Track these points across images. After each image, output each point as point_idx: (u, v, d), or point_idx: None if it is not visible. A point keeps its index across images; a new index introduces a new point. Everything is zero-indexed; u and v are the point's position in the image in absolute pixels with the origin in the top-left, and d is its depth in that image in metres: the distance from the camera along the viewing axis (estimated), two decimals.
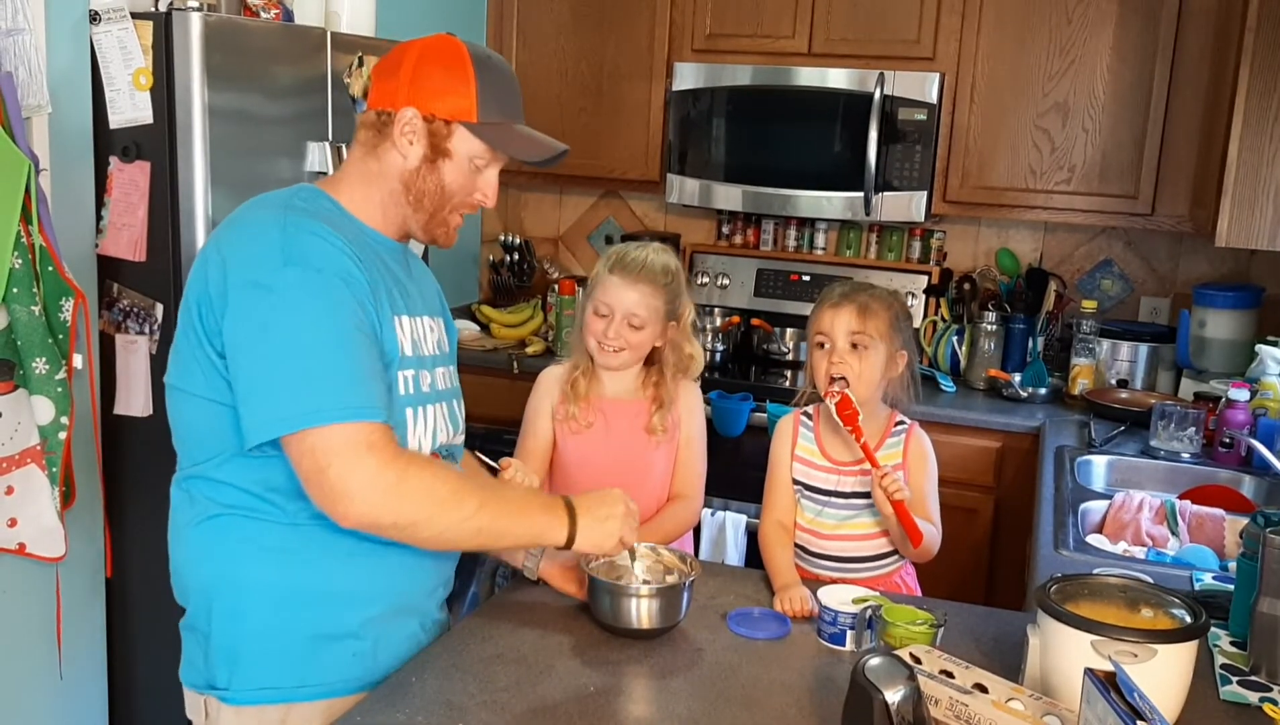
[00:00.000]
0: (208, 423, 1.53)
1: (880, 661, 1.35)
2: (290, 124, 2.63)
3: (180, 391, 1.57)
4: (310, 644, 1.57)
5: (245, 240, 1.51)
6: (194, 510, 1.58)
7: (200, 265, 1.54)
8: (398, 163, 1.59)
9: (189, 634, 1.63)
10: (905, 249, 3.77)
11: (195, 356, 1.52)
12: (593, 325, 2.14)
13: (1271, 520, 1.68)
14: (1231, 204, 2.72)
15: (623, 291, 2.11)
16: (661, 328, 2.16)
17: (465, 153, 1.60)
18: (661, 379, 2.19)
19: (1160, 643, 1.37)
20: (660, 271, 2.14)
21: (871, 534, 2.11)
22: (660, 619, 1.71)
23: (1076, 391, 3.33)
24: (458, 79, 1.57)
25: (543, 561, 1.82)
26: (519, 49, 3.84)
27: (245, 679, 1.57)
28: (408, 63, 1.59)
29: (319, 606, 1.56)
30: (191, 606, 1.62)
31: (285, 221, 1.51)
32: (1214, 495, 2.48)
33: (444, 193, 1.61)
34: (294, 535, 1.54)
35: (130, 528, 2.57)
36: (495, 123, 1.60)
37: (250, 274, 1.46)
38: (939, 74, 3.36)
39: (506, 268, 4.02)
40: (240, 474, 1.53)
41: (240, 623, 1.56)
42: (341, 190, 1.62)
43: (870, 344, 2.06)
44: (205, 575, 1.58)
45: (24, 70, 2.22)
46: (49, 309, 2.24)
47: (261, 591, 1.55)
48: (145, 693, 2.65)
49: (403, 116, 1.57)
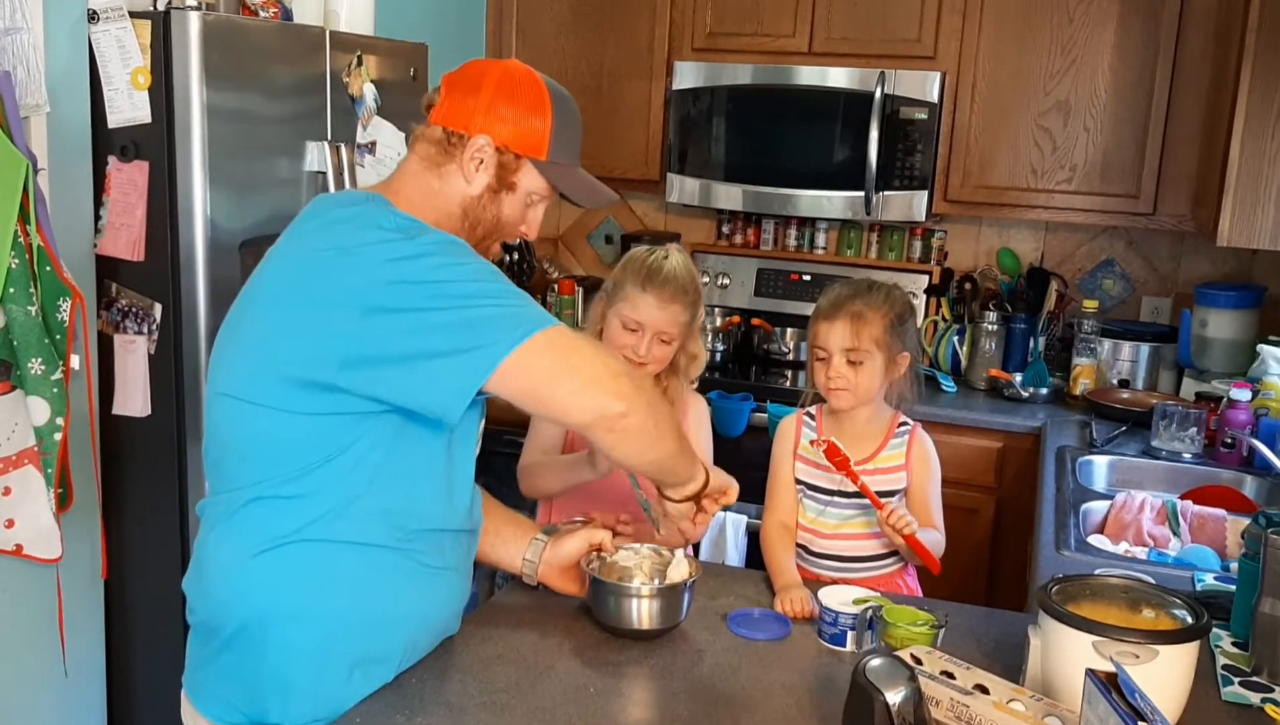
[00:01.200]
0: (290, 436, 1.47)
1: (881, 662, 1.35)
2: (289, 123, 2.63)
3: (248, 404, 1.48)
4: (361, 670, 1.52)
5: (355, 234, 1.46)
6: (254, 538, 1.49)
7: (285, 278, 1.49)
8: (460, 186, 1.57)
9: (220, 666, 1.55)
10: (906, 249, 3.76)
11: (277, 369, 1.46)
12: (621, 339, 2.09)
13: (1273, 521, 1.68)
14: (1233, 203, 2.72)
15: (656, 312, 2.07)
16: (684, 337, 2.15)
17: (527, 188, 1.60)
18: (673, 382, 2.18)
19: (1162, 643, 1.37)
20: (690, 287, 2.11)
21: (873, 533, 2.11)
22: (662, 619, 1.70)
23: (1078, 391, 3.32)
24: (536, 115, 1.57)
25: (541, 565, 1.81)
26: (519, 48, 3.83)
27: (301, 710, 1.51)
28: (488, 87, 1.56)
29: (373, 633, 1.52)
30: (237, 638, 1.52)
31: (391, 211, 1.50)
32: (1215, 495, 2.48)
33: (499, 223, 1.60)
34: (362, 560, 1.50)
35: (129, 528, 2.56)
36: (562, 164, 1.61)
37: (383, 255, 1.42)
38: (940, 73, 3.36)
39: (507, 267, 4.02)
40: (319, 487, 1.47)
41: (296, 654, 1.50)
42: (400, 200, 1.56)
43: (866, 358, 2.06)
44: (265, 607, 1.50)
45: (22, 69, 2.21)
46: (46, 309, 2.23)
47: (322, 621, 1.50)
48: (144, 693, 2.64)
49: (475, 142, 1.55)
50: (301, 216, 1.56)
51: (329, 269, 1.44)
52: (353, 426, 1.46)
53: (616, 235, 4.10)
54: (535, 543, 1.81)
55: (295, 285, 1.47)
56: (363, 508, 1.49)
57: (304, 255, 1.49)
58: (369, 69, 2.80)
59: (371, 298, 1.41)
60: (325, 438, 1.46)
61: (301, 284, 1.46)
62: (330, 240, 1.47)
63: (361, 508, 1.49)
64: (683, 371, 2.20)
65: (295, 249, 1.52)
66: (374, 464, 1.48)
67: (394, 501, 1.51)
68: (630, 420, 1.46)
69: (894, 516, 1.96)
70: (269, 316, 1.48)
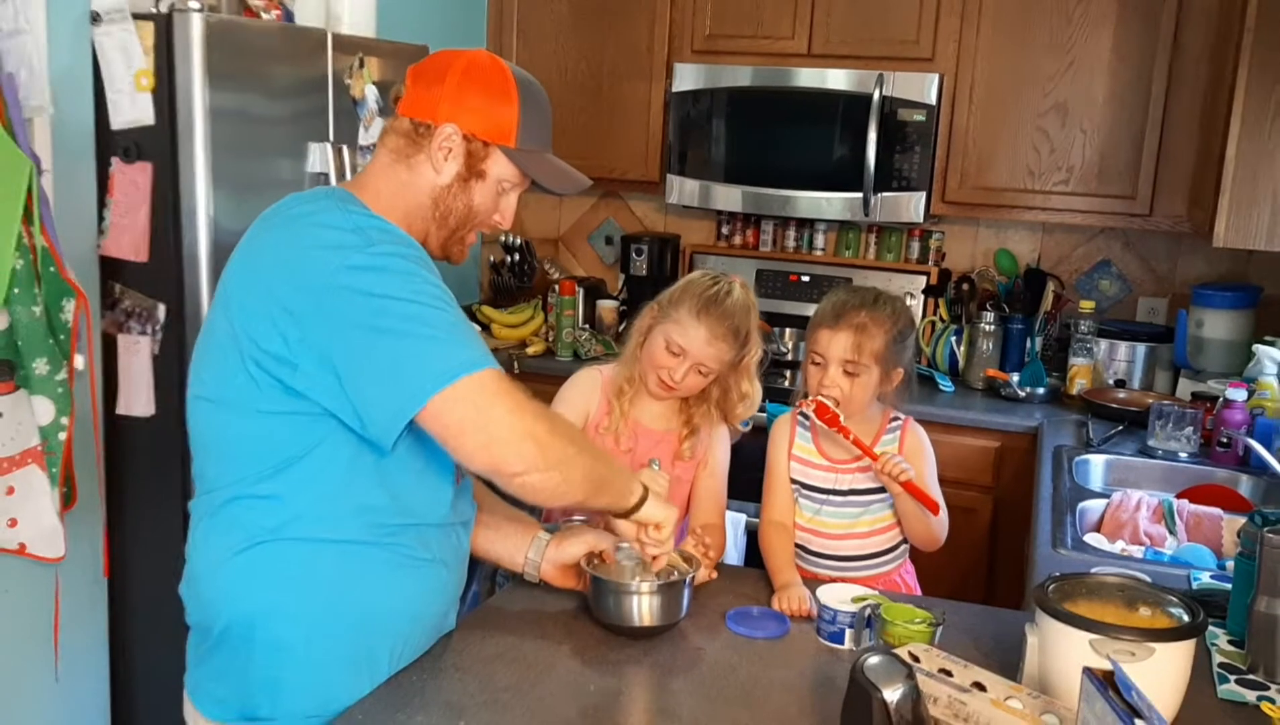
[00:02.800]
0: (259, 436, 1.48)
1: (879, 660, 1.35)
2: (291, 124, 2.63)
3: (218, 404, 1.50)
4: (351, 667, 1.54)
5: (309, 232, 1.47)
6: (234, 537, 1.51)
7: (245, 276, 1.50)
8: (429, 177, 1.57)
9: (214, 664, 1.56)
10: (904, 249, 3.77)
11: (244, 368, 1.46)
12: (660, 359, 2.06)
13: (1269, 519, 1.69)
14: (1229, 204, 2.72)
15: (703, 345, 2.03)
16: (722, 374, 2.11)
17: (497, 176, 1.59)
18: (704, 409, 2.13)
19: (1158, 641, 1.38)
20: (744, 328, 2.06)
21: (871, 532, 2.12)
22: (662, 616, 1.71)
23: (1074, 391, 3.33)
24: (502, 102, 1.56)
25: (543, 564, 1.82)
26: (519, 48, 3.84)
27: (291, 707, 1.52)
28: (452, 76, 1.55)
29: (361, 629, 1.53)
30: (225, 637, 1.54)
31: (348, 210, 1.50)
32: (1211, 494, 2.49)
33: (470, 212, 1.60)
34: (341, 557, 1.51)
35: (132, 528, 2.57)
36: (531, 150, 1.60)
37: (339, 261, 1.42)
38: (938, 75, 3.37)
39: (507, 268, 4.03)
40: (293, 487, 1.49)
41: (285, 653, 1.51)
42: (368, 195, 1.57)
43: (863, 372, 2.06)
44: (248, 607, 1.52)
45: (25, 71, 2.22)
46: (50, 310, 2.24)
47: (308, 619, 1.51)
48: (146, 693, 2.65)
49: (443, 131, 1.54)
50: (264, 215, 1.56)
51: (286, 267, 1.45)
52: (316, 425, 1.47)
53: (617, 236, 4.11)
54: (538, 540, 1.82)
55: (255, 284, 1.47)
56: (339, 505, 1.50)
57: (263, 252, 1.50)
58: (371, 70, 2.81)
59: (324, 301, 1.41)
60: (292, 436, 1.47)
61: (262, 282, 1.47)
62: (287, 237, 1.49)
63: (338, 505, 1.50)
64: (726, 408, 2.14)
65: (255, 247, 1.52)
66: (345, 461, 1.49)
67: (371, 498, 1.52)
68: (529, 478, 1.45)
69: (889, 464, 1.97)
70: (233, 318, 1.48)
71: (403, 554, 1.55)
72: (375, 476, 1.51)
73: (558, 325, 3.68)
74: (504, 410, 1.42)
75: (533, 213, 4.22)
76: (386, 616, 1.56)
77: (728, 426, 2.19)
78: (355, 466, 1.49)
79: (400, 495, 1.54)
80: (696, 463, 2.17)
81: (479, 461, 1.45)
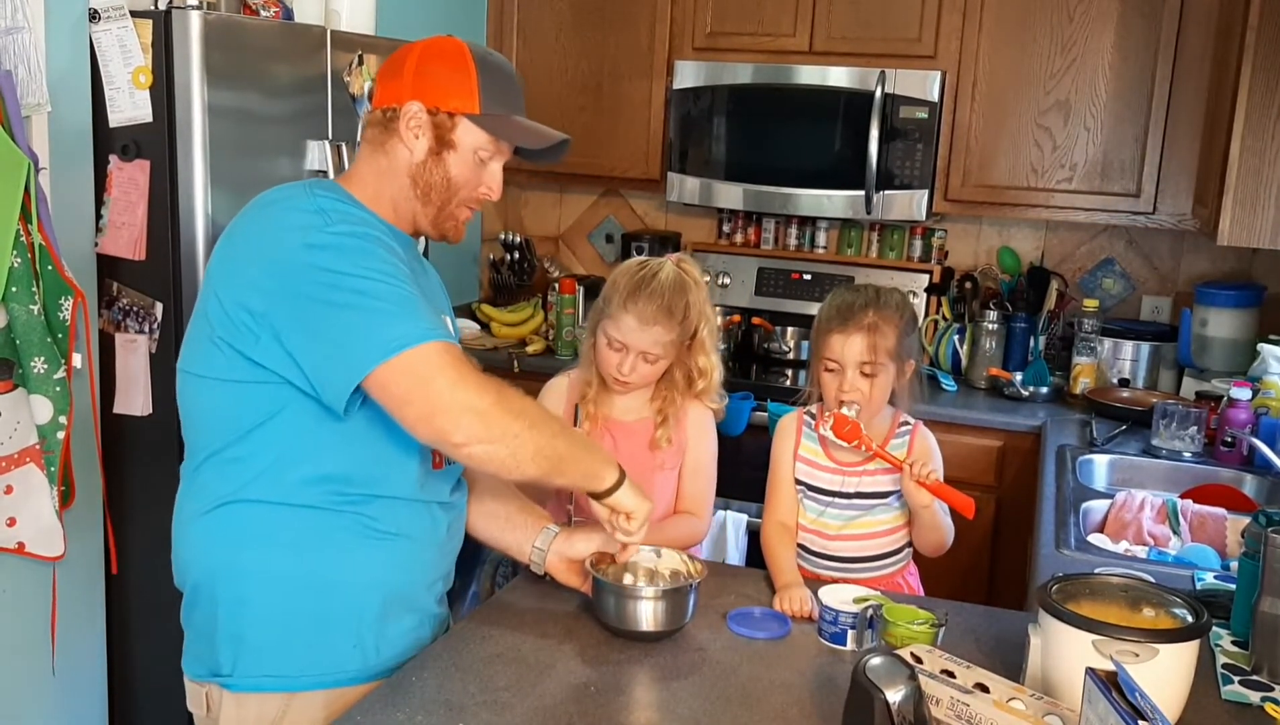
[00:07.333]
0: (225, 404, 1.56)
1: (881, 661, 1.35)
2: (290, 122, 2.63)
3: (194, 376, 1.59)
4: (312, 632, 1.59)
5: (279, 216, 1.56)
6: (202, 500, 1.60)
7: (222, 260, 1.58)
8: (405, 156, 1.62)
9: (192, 624, 1.65)
10: (906, 248, 3.76)
11: (213, 341, 1.54)
12: (605, 356, 2.07)
13: (1273, 519, 1.68)
14: (1233, 202, 2.72)
15: (638, 333, 2.02)
16: (676, 353, 2.10)
17: (470, 144, 1.63)
18: (670, 395, 2.13)
19: (1162, 642, 1.37)
20: (677, 306, 2.04)
21: (875, 534, 2.11)
22: (667, 621, 1.70)
23: (1078, 390, 3.32)
24: (459, 73, 1.62)
25: (549, 555, 1.81)
26: (519, 48, 3.84)
27: (249, 665, 1.59)
28: (410, 62, 1.63)
29: (321, 593, 1.59)
30: (196, 596, 1.63)
31: (314, 194, 1.58)
32: (1215, 494, 2.48)
33: (450, 185, 1.64)
34: (298, 521, 1.57)
35: (131, 526, 2.56)
36: (498, 115, 1.64)
37: (299, 240, 1.49)
38: (940, 72, 3.36)
39: (507, 266, 4.02)
40: (254, 451, 1.56)
41: (245, 609, 1.58)
42: (354, 186, 1.65)
43: (880, 370, 2.05)
44: (210, 564, 1.60)
45: (23, 69, 2.22)
46: (48, 308, 2.24)
47: (266, 578, 1.57)
48: (146, 691, 2.65)
49: (408, 110, 1.60)
50: (244, 209, 1.63)
51: (255, 248, 1.54)
52: (278, 393, 1.53)
53: (617, 234, 4.10)
54: (547, 532, 1.83)
55: (229, 265, 1.56)
56: (299, 471, 1.56)
57: (237, 237, 1.58)
58: (369, 68, 2.80)
59: (284, 277, 1.49)
60: (256, 404, 1.54)
61: (235, 263, 1.56)
62: (260, 221, 1.58)
63: (298, 471, 1.56)
64: (686, 387, 2.13)
65: (233, 233, 1.60)
66: (306, 430, 1.55)
67: (332, 467, 1.57)
68: (473, 449, 1.49)
69: (917, 466, 1.97)
70: (207, 298, 1.57)
71: (364, 524, 1.59)
72: (339, 447, 1.56)
73: (558, 324, 3.68)
74: (446, 382, 1.46)
75: (533, 211, 4.21)
76: (343, 582, 1.60)
77: (705, 408, 2.18)
78: (317, 436, 1.55)
79: (363, 466, 1.59)
80: (678, 451, 2.15)
81: (422, 431, 1.49)
